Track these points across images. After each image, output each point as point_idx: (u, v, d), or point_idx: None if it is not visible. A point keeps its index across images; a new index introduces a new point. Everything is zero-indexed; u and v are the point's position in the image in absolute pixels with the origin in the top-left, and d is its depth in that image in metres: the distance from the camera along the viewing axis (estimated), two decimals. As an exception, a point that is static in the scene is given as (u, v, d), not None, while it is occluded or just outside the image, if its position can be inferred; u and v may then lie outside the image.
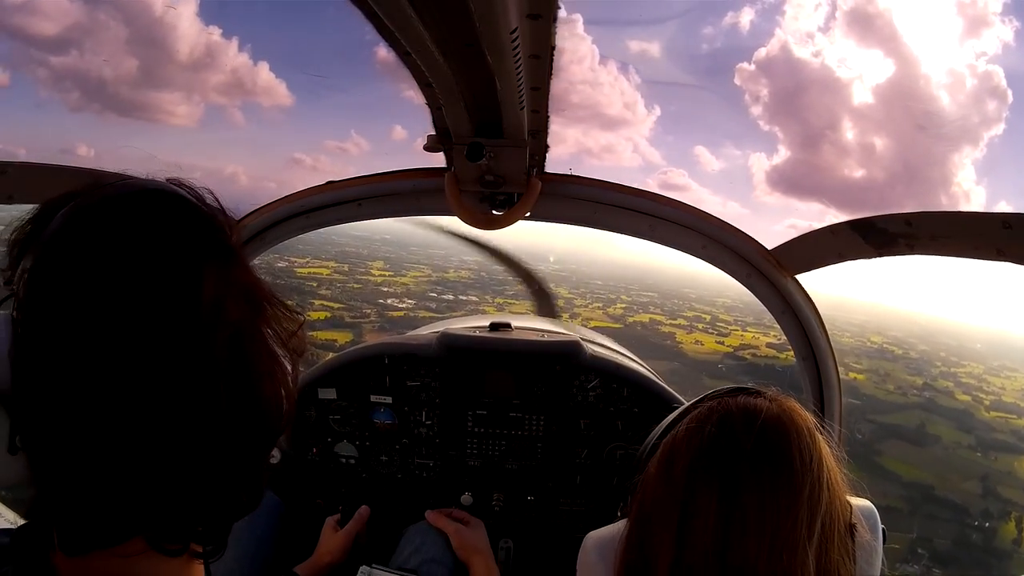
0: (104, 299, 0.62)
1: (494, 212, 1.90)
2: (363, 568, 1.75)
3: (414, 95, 1.44)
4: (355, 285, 43.46)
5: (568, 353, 2.15)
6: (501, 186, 1.77)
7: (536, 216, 1.98)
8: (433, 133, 1.68)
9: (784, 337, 2.16)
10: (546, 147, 1.71)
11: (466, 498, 2.23)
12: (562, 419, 2.18)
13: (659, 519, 0.94)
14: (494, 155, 1.57)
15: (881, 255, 1.73)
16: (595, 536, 1.13)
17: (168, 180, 0.77)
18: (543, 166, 1.82)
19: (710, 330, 44.58)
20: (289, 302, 0.81)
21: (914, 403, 34.73)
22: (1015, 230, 1.27)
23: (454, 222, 1.95)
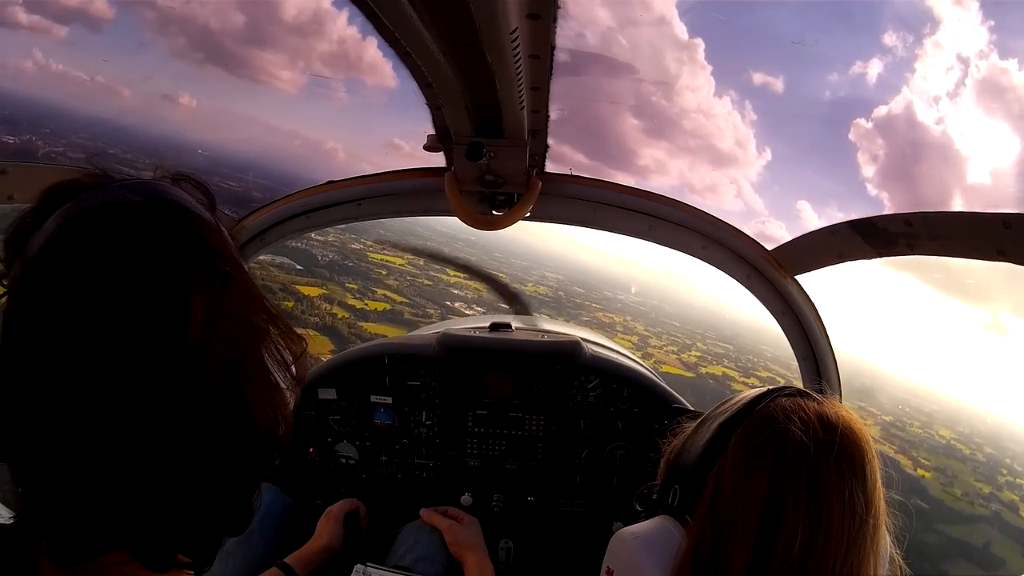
0: (85, 319, 0.61)
1: (494, 212, 1.89)
2: (357, 567, 1.75)
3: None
4: (426, 281, 41.64)
5: (568, 353, 2.15)
6: (501, 186, 1.77)
7: (536, 216, 1.98)
8: (433, 133, 1.68)
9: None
10: (546, 147, 1.71)
11: (466, 499, 2.22)
12: (562, 419, 2.18)
13: (737, 524, 0.92)
14: (494, 155, 1.57)
15: (881, 255, 1.73)
16: (638, 534, 1.00)
17: (175, 176, 0.75)
18: (543, 166, 1.82)
19: (786, 397, 42.57)
20: (296, 329, 0.78)
21: (980, 515, 33.54)
22: (1015, 230, 1.26)
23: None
